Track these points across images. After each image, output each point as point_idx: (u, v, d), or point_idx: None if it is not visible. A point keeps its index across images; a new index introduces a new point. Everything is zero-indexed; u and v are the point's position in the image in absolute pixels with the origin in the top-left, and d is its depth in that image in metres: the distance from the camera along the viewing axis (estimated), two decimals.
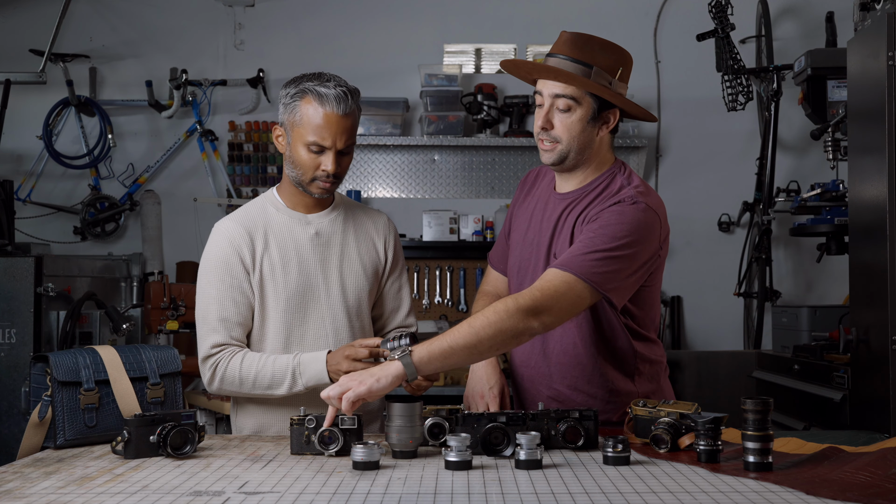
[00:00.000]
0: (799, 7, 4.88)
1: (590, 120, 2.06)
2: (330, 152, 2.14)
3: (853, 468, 1.64)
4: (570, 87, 2.04)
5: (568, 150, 2.08)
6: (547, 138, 2.08)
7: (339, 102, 2.12)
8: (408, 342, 1.96)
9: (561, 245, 2.09)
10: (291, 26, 4.89)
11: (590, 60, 2.03)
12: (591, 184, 2.13)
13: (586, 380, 2.15)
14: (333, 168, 2.14)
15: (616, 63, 2.05)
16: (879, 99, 2.42)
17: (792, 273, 4.84)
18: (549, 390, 2.17)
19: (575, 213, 2.11)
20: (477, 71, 4.96)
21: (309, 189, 2.20)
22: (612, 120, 2.10)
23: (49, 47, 4.30)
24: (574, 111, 2.05)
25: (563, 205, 2.15)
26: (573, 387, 2.15)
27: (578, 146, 2.07)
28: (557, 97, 2.05)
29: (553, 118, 2.06)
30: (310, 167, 2.16)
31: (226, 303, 2.18)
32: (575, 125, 2.05)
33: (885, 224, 2.38)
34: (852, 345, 2.58)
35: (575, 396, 2.15)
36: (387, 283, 2.35)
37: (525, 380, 2.23)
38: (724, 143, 4.85)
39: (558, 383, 2.16)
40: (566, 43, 2.06)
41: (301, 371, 2.12)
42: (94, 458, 1.86)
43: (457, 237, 4.68)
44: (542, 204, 2.22)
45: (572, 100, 2.04)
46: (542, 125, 2.07)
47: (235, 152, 4.87)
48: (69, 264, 3.79)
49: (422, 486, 1.57)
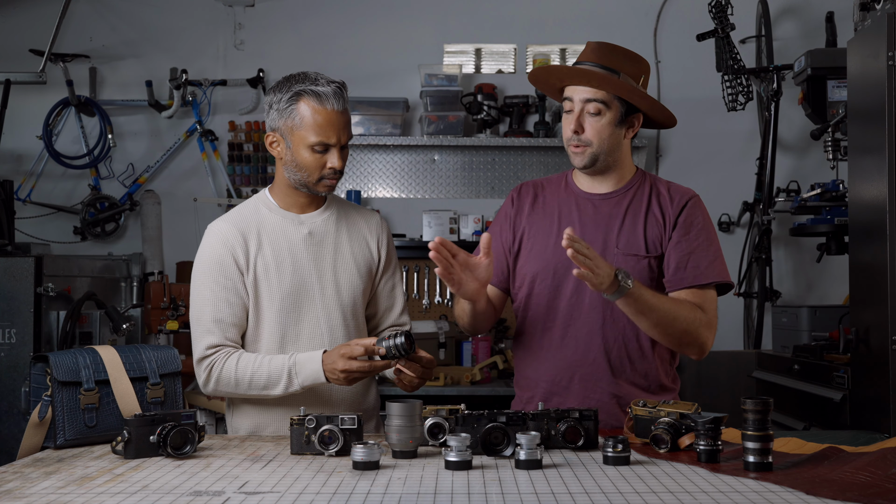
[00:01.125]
0: (799, 7, 4.88)
1: (618, 123, 2.17)
2: (335, 149, 2.15)
3: (853, 468, 1.64)
4: (601, 91, 2.14)
5: (599, 153, 2.18)
6: (578, 142, 2.17)
7: (338, 98, 2.14)
8: (402, 340, 1.97)
9: (625, 239, 2.19)
10: (291, 26, 4.89)
11: (617, 67, 2.14)
12: (631, 182, 2.26)
13: (643, 374, 2.20)
14: (340, 164, 2.16)
15: (640, 71, 2.18)
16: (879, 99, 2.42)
17: (792, 273, 4.84)
18: (610, 387, 2.19)
19: (636, 209, 2.22)
20: (477, 71, 4.96)
21: (316, 189, 2.20)
22: (636, 124, 2.22)
23: (49, 47, 4.30)
24: (604, 115, 2.15)
25: (609, 204, 2.24)
26: (632, 382, 2.19)
27: (608, 148, 2.18)
28: (588, 102, 2.15)
29: (584, 122, 2.16)
30: (316, 167, 2.16)
31: (220, 304, 2.18)
32: (605, 128, 2.16)
33: (885, 224, 2.38)
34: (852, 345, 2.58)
35: (634, 393, 2.18)
36: (380, 282, 2.35)
37: (577, 380, 2.21)
38: (724, 143, 4.85)
39: (621, 378, 2.19)
40: (593, 51, 2.17)
41: (297, 371, 2.12)
42: (94, 458, 1.86)
43: (457, 237, 4.68)
44: (571, 207, 2.26)
45: (602, 104, 2.14)
46: (574, 129, 2.16)
47: (235, 152, 4.86)
48: (69, 264, 3.79)
49: (422, 486, 1.57)
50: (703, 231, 2.20)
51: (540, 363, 2.25)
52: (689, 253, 2.17)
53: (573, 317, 2.20)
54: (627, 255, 2.18)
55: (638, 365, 2.20)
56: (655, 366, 2.21)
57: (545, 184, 2.34)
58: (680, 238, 2.18)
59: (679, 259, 2.17)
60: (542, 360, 2.24)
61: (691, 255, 2.17)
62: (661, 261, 2.19)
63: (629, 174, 2.27)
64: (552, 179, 2.35)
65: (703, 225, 2.21)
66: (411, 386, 2.13)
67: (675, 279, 2.18)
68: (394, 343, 2.00)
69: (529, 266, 2.27)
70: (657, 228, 2.20)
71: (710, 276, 2.17)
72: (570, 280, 2.19)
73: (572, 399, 2.20)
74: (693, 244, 2.18)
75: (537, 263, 2.25)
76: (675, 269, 2.17)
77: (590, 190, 2.27)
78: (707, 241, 2.19)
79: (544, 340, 2.23)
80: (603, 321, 2.18)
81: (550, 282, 2.23)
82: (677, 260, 2.17)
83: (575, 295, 2.20)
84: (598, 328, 2.18)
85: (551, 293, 2.22)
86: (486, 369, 4.13)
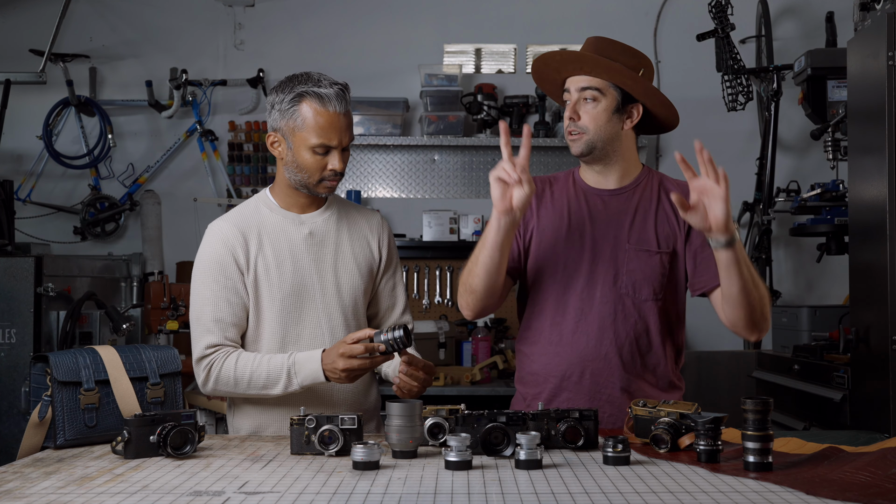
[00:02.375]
0: (799, 7, 4.88)
1: (615, 111, 2.19)
2: (336, 151, 2.15)
3: (853, 468, 1.63)
4: (595, 79, 2.17)
5: (595, 140, 2.19)
6: (574, 129, 2.20)
7: (340, 101, 2.14)
8: (401, 333, 1.98)
9: (637, 235, 2.20)
10: (291, 26, 4.89)
11: (613, 58, 2.17)
12: (638, 178, 2.26)
13: (653, 370, 2.21)
14: (341, 166, 2.16)
15: (638, 64, 2.19)
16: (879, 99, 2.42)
17: (792, 273, 4.84)
18: (622, 381, 2.18)
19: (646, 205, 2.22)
20: (477, 71, 4.96)
21: (316, 190, 2.20)
22: (635, 114, 2.22)
23: (49, 47, 4.30)
24: (599, 101, 2.18)
25: (619, 200, 2.24)
26: (643, 378, 2.20)
27: (605, 136, 2.19)
28: (584, 89, 2.19)
29: (580, 109, 2.19)
30: (316, 169, 2.16)
31: (220, 303, 2.18)
32: (601, 115, 2.18)
33: (885, 224, 2.38)
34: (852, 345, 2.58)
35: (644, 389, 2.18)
36: (381, 281, 2.35)
37: (588, 375, 2.20)
38: (724, 143, 4.84)
39: (632, 374, 2.19)
40: (590, 45, 2.21)
41: (296, 370, 2.11)
42: (94, 458, 1.86)
43: (457, 237, 4.68)
44: (580, 202, 2.26)
45: (597, 91, 2.18)
46: (569, 115, 2.20)
47: (235, 152, 4.87)
48: (69, 264, 3.79)
49: (422, 486, 1.57)
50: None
51: (550, 358, 2.23)
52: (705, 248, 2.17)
53: (584, 311, 2.20)
54: (639, 250, 2.19)
55: (648, 360, 2.20)
56: (665, 361, 2.21)
57: (552, 180, 2.34)
58: (705, 238, 2.15)
59: (706, 259, 2.17)
60: (553, 355, 2.22)
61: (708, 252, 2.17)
62: (672, 257, 2.20)
63: (635, 170, 2.28)
64: (559, 176, 2.35)
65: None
66: (410, 394, 2.13)
67: (706, 278, 2.17)
68: (392, 337, 2.00)
69: (539, 260, 2.26)
70: (668, 225, 2.22)
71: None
72: (580, 274, 2.20)
73: (583, 394, 2.19)
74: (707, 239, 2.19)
75: (547, 257, 2.25)
76: (705, 269, 2.17)
77: (597, 185, 2.27)
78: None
79: (554, 335, 2.22)
80: (615, 316, 2.18)
81: (561, 276, 2.22)
82: (706, 259, 2.17)
83: (586, 289, 2.20)
84: (610, 322, 2.18)
85: (561, 288, 2.22)
86: (486, 369, 4.13)
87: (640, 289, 2.18)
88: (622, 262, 2.19)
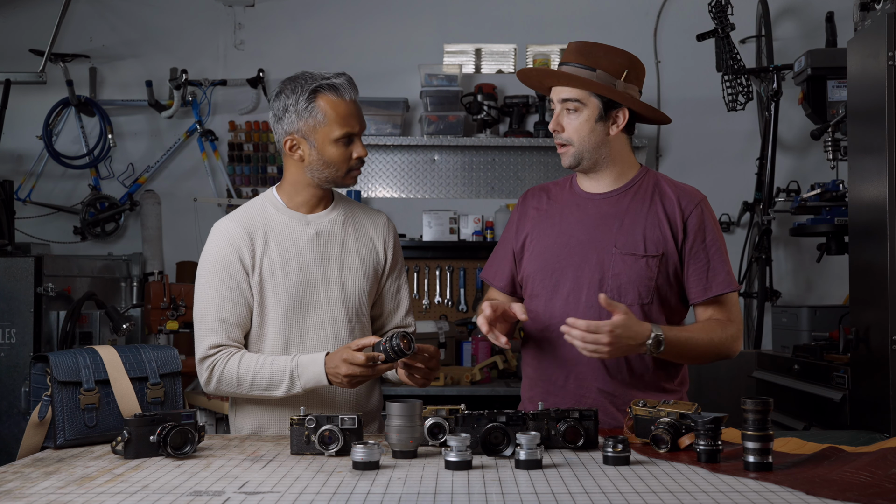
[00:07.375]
0: (799, 7, 4.88)
1: (597, 120, 2.19)
2: (357, 139, 2.19)
3: (853, 468, 1.63)
4: (574, 90, 2.17)
5: (580, 151, 2.21)
6: (560, 141, 2.22)
7: (352, 88, 2.19)
8: (398, 342, 1.98)
9: (624, 239, 2.19)
10: (291, 26, 4.89)
11: (593, 64, 2.16)
12: (633, 179, 2.25)
13: (639, 375, 2.19)
14: (364, 151, 2.22)
15: (621, 66, 2.18)
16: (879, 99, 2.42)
17: (792, 273, 4.84)
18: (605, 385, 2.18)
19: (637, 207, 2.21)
20: (477, 71, 4.96)
21: (344, 182, 2.24)
22: (621, 119, 2.20)
23: (49, 47, 4.30)
24: (581, 112, 2.18)
25: (609, 203, 2.24)
26: (627, 383, 2.19)
27: (590, 145, 2.20)
28: (565, 101, 2.19)
29: (562, 120, 2.20)
30: (343, 161, 2.19)
31: (224, 304, 2.18)
32: (583, 126, 2.18)
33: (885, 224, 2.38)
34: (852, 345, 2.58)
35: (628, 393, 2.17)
36: (386, 283, 2.35)
37: (572, 379, 2.20)
38: (724, 143, 4.85)
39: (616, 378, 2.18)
40: (572, 52, 2.21)
41: (299, 373, 2.11)
42: (94, 458, 1.86)
43: (457, 237, 4.68)
44: (573, 208, 2.27)
45: (578, 101, 2.18)
46: (552, 127, 2.22)
47: (235, 152, 4.87)
48: (69, 264, 3.79)
49: (422, 486, 1.57)
50: (715, 237, 2.22)
51: (539, 362, 2.26)
52: (707, 262, 2.20)
53: (569, 315, 2.19)
54: (625, 254, 2.18)
55: (634, 365, 2.19)
56: (653, 369, 2.20)
57: (552, 187, 2.36)
58: (697, 248, 2.19)
59: (699, 271, 2.19)
60: (542, 359, 2.25)
61: (710, 265, 2.20)
62: (660, 261, 2.19)
63: (630, 171, 2.26)
64: (559, 183, 2.37)
65: (715, 230, 2.23)
66: (421, 382, 2.15)
67: (697, 291, 2.20)
68: (390, 346, 2.00)
69: (529, 266, 2.28)
70: (659, 229, 2.20)
71: (732, 285, 2.21)
72: (567, 279, 2.20)
73: (568, 398, 2.20)
74: (710, 251, 2.20)
75: (536, 263, 2.26)
76: (697, 282, 2.20)
77: (590, 190, 2.28)
78: (721, 247, 2.22)
79: (543, 340, 2.24)
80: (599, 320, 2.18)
81: (549, 281, 2.23)
82: (697, 272, 2.19)
83: (573, 294, 2.20)
84: None
85: (549, 292, 2.23)
86: (486, 369, 4.13)
87: (626, 293, 2.16)
88: (608, 266, 2.18)
